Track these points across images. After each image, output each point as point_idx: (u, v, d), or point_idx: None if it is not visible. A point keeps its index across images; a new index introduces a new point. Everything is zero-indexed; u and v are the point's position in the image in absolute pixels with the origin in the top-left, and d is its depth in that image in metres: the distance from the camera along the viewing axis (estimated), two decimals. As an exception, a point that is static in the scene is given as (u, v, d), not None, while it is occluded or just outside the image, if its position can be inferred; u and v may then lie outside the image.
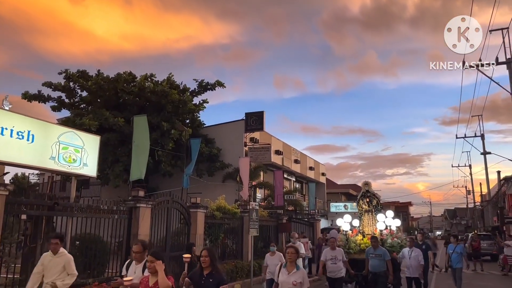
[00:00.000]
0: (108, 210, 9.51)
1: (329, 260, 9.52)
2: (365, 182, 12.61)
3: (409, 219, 79.83)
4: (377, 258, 9.52)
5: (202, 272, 4.97)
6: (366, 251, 9.96)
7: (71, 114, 19.87)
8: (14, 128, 7.30)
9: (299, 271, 5.70)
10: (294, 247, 5.93)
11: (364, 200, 12.25)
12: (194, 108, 21.51)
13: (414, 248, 10.48)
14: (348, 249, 11.07)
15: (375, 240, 9.78)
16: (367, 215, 12.12)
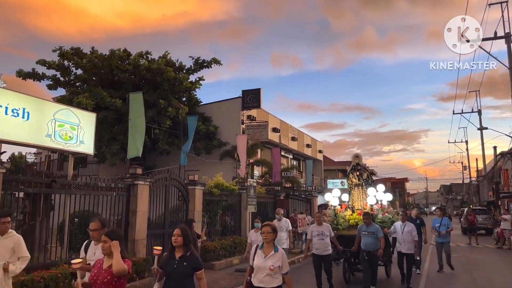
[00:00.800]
0: (106, 187, 9.52)
1: (315, 236, 8.98)
2: (355, 154, 11.82)
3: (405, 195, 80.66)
4: (370, 236, 8.82)
5: (174, 255, 4.35)
6: (358, 228, 9.27)
7: (67, 93, 19.67)
8: (8, 106, 7.23)
9: (277, 253, 4.82)
10: (270, 225, 4.96)
11: (354, 174, 11.55)
12: (190, 86, 21.32)
13: (407, 223, 10.03)
14: (337, 225, 10.40)
15: (367, 217, 9.02)
16: (357, 190, 11.41)
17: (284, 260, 4.81)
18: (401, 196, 73.77)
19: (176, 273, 4.25)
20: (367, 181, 11.39)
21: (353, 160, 11.79)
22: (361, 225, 9.21)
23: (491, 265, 13.99)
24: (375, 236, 8.79)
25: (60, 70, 19.98)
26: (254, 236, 9.52)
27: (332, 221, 10.40)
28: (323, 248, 8.88)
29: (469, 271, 12.37)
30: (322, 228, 9.04)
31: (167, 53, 20.99)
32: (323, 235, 8.91)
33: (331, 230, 9.19)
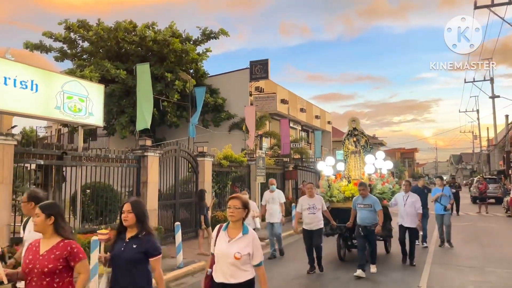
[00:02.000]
0: (116, 158, 9.60)
1: (306, 209, 8.17)
2: (352, 118, 10.50)
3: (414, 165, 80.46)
4: (366, 209, 7.95)
5: (124, 236, 3.50)
6: (353, 200, 8.35)
7: (74, 65, 19.63)
8: (17, 78, 7.22)
9: (246, 236, 3.55)
10: (239, 198, 3.66)
11: (351, 140, 10.39)
12: (197, 57, 21.12)
13: (410, 193, 9.03)
14: (330, 197, 9.34)
15: (363, 187, 8.05)
16: (354, 157, 10.24)
17: (256, 246, 3.55)
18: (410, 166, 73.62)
19: (122, 258, 3.38)
20: (365, 147, 10.27)
21: (350, 124, 10.55)
22: (357, 196, 8.31)
23: (500, 233, 14.03)
24: (372, 209, 7.92)
25: (66, 43, 19.89)
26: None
27: (325, 193, 9.40)
28: (314, 223, 8.13)
29: (478, 239, 12.43)
30: (313, 200, 8.23)
31: (173, 24, 20.73)
32: (314, 209, 8.15)
33: (323, 203, 8.41)
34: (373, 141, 47.70)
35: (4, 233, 6.59)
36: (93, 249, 6.39)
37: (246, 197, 3.75)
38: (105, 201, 9.31)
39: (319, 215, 8.20)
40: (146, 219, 3.53)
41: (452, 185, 20.13)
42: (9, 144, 6.71)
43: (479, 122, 45.89)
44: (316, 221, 8.15)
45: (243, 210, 3.62)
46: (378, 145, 49.67)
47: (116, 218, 9.72)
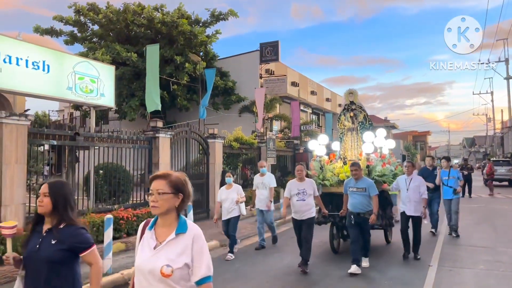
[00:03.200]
0: (128, 140, 9.67)
1: (295, 195, 7.03)
2: (349, 91, 9.23)
3: (426, 148, 79.77)
4: (359, 194, 6.89)
5: (41, 229, 2.69)
6: (345, 183, 7.26)
7: (85, 49, 19.70)
8: (29, 59, 7.28)
9: (181, 238, 2.16)
10: (166, 176, 2.24)
11: (347, 115, 9.13)
12: (206, 39, 21.02)
13: (414, 176, 7.79)
14: (323, 180, 8.18)
15: (356, 168, 6.95)
16: (351, 135, 9.01)
17: (198, 252, 2.15)
18: (422, 150, 73.03)
19: (37, 258, 2.57)
20: (363, 124, 9.00)
21: (346, 97, 9.30)
22: (349, 179, 7.20)
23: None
24: (366, 194, 6.87)
25: (77, 26, 19.92)
26: (225, 194, 8.04)
27: (317, 176, 8.30)
28: (304, 211, 6.96)
29: (490, 220, 12.35)
30: (304, 185, 7.06)
31: (182, 5, 20.60)
32: (304, 194, 6.98)
33: (315, 188, 7.22)
34: (385, 124, 47.34)
35: (20, 212, 6.72)
36: (107, 228, 6.50)
37: (178, 175, 2.30)
38: (118, 182, 9.42)
39: (310, 201, 7.03)
40: (68, 205, 2.68)
41: (464, 167, 19.97)
42: (22, 124, 6.79)
43: (493, 104, 45.15)
44: (307, 209, 6.97)
45: (173, 196, 2.20)
46: (390, 128, 49.29)
47: (129, 199, 9.86)
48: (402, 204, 7.85)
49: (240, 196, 8.01)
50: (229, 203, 7.93)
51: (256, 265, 7.41)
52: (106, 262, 6.36)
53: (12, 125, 6.58)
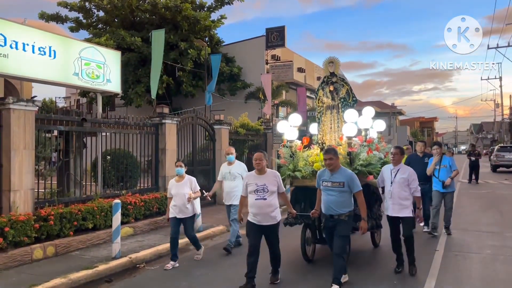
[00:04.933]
0: (135, 125, 9.70)
1: (253, 192, 5.22)
2: (329, 59, 7.39)
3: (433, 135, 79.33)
4: (335, 190, 5.14)
5: None
6: (318, 175, 5.48)
7: (90, 35, 19.68)
8: (35, 44, 7.28)
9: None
10: None
11: (326, 90, 7.29)
12: (211, 24, 20.87)
13: (402, 166, 5.91)
14: (294, 171, 6.48)
15: (331, 156, 5.15)
16: (330, 115, 7.21)
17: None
18: (429, 136, 72.63)
19: None
20: (345, 100, 7.18)
21: (325, 67, 7.45)
22: (322, 170, 5.49)
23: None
24: (345, 190, 5.12)
25: (82, 12, 19.87)
26: (175, 188, 6.48)
27: (287, 166, 6.65)
28: (266, 213, 5.16)
29: (497, 206, 12.31)
30: (264, 178, 5.25)
31: (186, -11, 20.45)
32: (264, 191, 5.17)
33: (280, 183, 5.37)
34: (392, 110, 46.99)
35: (29, 197, 6.79)
36: (115, 213, 6.56)
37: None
38: (125, 167, 9.48)
39: (273, 201, 5.21)
40: None
41: (472, 153, 19.85)
42: (30, 110, 6.81)
43: (502, 90, 44.64)
44: (269, 211, 5.16)
45: None
46: (397, 114, 48.98)
47: (136, 184, 9.94)
48: (385, 202, 6.02)
49: (193, 192, 6.46)
50: (180, 200, 6.33)
51: (221, 271, 6.15)
52: (114, 247, 6.44)
53: (20, 111, 6.61)
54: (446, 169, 8.19)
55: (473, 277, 5.79)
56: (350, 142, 6.36)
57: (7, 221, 5.99)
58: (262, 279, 5.34)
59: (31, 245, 6.36)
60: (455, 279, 5.69)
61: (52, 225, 6.65)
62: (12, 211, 6.35)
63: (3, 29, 7.04)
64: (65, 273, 5.64)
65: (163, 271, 6.18)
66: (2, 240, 5.89)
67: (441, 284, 5.42)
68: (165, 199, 8.56)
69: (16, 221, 6.09)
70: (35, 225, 6.38)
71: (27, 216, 6.29)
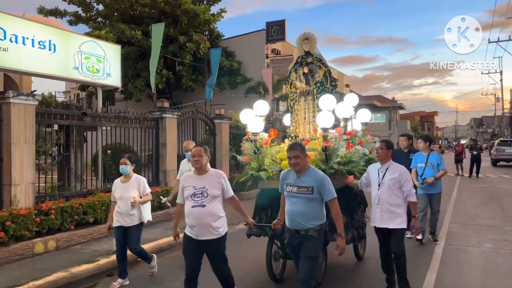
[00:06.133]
0: (135, 119, 9.68)
1: (190, 198, 4.10)
2: (304, 35, 6.24)
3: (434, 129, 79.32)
4: (302, 196, 3.94)
5: None
6: (281, 177, 4.25)
7: (89, 29, 19.61)
8: (35, 38, 7.25)
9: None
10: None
11: (299, 72, 6.20)
12: (210, 18, 20.78)
13: (392, 164, 4.75)
14: (259, 170, 5.33)
15: (297, 153, 3.94)
16: (304, 102, 6.13)
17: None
18: (429, 130, 72.63)
19: None
20: (322, 85, 6.08)
21: (300, 46, 6.31)
22: (286, 170, 4.23)
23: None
24: (314, 198, 3.91)
25: (81, 6, 19.78)
26: (120, 191, 5.39)
27: (250, 164, 5.50)
28: (206, 224, 4.01)
29: (497, 200, 12.33)
30: (203, 180, 4.12)
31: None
32: (204, 196, 4.05)
33: (226, 185, 4.21)
34: (392, 104, 46.88)
35: (29, 191, 6.79)
36: (116, 206, 6.55)
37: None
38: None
39: (215, 208, 4.07)
40: None
41: (474, 147, 19.85)
42: (30, 104, 6.80)
43: (502, 84, 44.55)
44: (208, 222, 4.00)
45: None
46: (397, 108, 48.91)
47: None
48: (372, 211, 4.84)
49: (142, 195, 5.40)
50: (125, 204, 5.26)
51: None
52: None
53: (20, 105, 6.60)
54: (432, 168, 7.17)
55: (473, 270, 5.81)
56: (326, 135, 5.12)
57: (8, 215, 6.00)
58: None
59: (32, 239, 6.38)
60: (455, 272, 5.71)
61: (53, 219, 6.66)
62: (13, 205, 6.36)
63: (3, 22, 7.00)
64: (66, 267, 5.66)
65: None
66: (4, 234, 5.89)
67: (442, 277, 5.44)
68: (167, 193, 8.56)
69: (17, 215, 6.10)
70: (36, 219, 6.39)
71: (28, 210, 6.29)
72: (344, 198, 4.83)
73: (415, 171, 7.24)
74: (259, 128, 5.61)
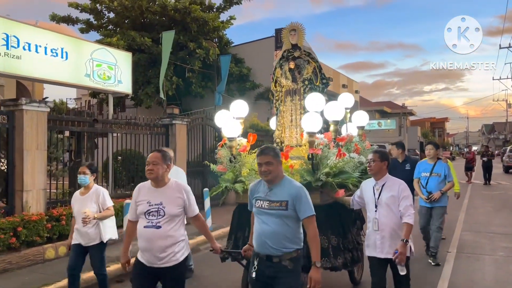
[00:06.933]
0: (145, 126, 9.75)
1: (143, 215, 3.31)
2: (291, 26, 5.42)
3: (444, 135, 78.62)
4: (273, 213, 3.10)
5: None
6: (250, 190, 3.37)
7: (100, 36, 19.85)
8: (47, 46, 7.36)
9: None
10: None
11: (285, 68, 5.39)
12: (220, 25, 20.94)
13: (388, 179, 3.94)
14: (235, 182, 4.68)
15: (268, 157, 3.12)
16: (291, 102, 5.34)
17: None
18: (440, 136, 71.98)
19: None
20: (311, 83, 5.31)
21: (286, 38, 5.52)
22: (256, 182, 3.38)
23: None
24: (289, 215, 3.10)
25: (92, 14, 20.07)
26: (78, 204, 4.61)
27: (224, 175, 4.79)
28: (157, 250, 3.24)
29: (509, 207, 12.17)
30: (161, 194, 3.35)
31: (195, -10, 20.54)
32: (159, 215, 3.28)
33: (189, 201, 3.40)
34: (402, 111, 46.57)
35: (41, 197, 6.86)
36: (126, 213, 6.60)
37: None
38: (136, 168, 9.53)
39: (172, 231, 3.29)
40: None
41: (485, 153, 19.63)
42: (42, 111, 6.89)
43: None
44: (162, 246, 3.24)
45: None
46: (407, 115, 48.60)
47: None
48: (367, 238, 4.00)
49: (101, 208, 4.59)
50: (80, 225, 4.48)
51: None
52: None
53: (32, 112, 6.69)
54: (437, 179, 6.21)
55: (486, 279, 5.72)
56: (313, 141, 4.30)
57: (20, 221, 6.06)
58: None
59: (44, 245, 6.43)
60: (468, 281, 5.63)
61: (64, 225, 6.70)
62: (25, 211, 6.42)
63: (16, 31, 7.13)
64: (77, 272, 5.66)
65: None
66: (15, 239, 5.95)
67: (454, 286, 5.37)
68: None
69: (29, 221, 6.16)
70: (47, 225, 6.45)
71: (39, 216, 6.35)
72: (335, 214, 4.28)
73: (417, 181, 6.33)
74: (235, 132, 4.75)
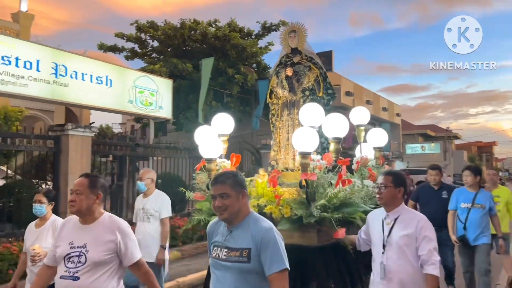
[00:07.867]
0: (184, 149, 9.95)
1: (61, 260, 2.57)
2: (291, 27, 4.59)
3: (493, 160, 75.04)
4: (231, 266, 2.18)
5: None
6: (207, 233, 2.46)
7: (144, 64, 20.72)
8: (93, 74, 7.76)
9: None
10: None
11: (281, 76, 4.54)
12: (258, 50, 21.34)
13: (403, 211, 2.90)
14: (213, 214, 3.38)
15: (225, 187, 2.20)
16: (288, 116, 4.46)
17: None
18: (488, 161, 68.75)
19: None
20: (312, 94, 4.40)
21: (284, 41, 4.63)
22: (214, 222, 2.47)
23: None
24: (251, 269, 2.14)
25: (137, 43, 21.04)
26: (31, 236, 3.79)
27: (197, 206, 4.08)
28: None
29: None
30: (87, 233, 2.61)
31: (233, 19, 21.11)
32: (80, 262, 2.51)
33: (125, 246, 2.59)
34: (447, 134, 44.89)
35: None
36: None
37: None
38: (175, 191, 9.68)
39: (95, 284, 2.49)
40: None
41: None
42: (87, 135, 7.20)
43: None
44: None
45: None
46: (452, 138, 46.90)
47: (185, 208, 10.11)
48: (373, 279, 3.02)
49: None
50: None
51: None
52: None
53: (78, 137, 7.00)
54: (480, 212, 4.96)
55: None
56: (306, 164, 3.36)
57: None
58: None
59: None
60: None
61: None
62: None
63: (64, 60, 7.59)
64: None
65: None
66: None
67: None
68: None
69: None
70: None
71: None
72: (341, 259, 3.37)
73: (453, 214, 5.12)
74: (216, 152, 3.91)
